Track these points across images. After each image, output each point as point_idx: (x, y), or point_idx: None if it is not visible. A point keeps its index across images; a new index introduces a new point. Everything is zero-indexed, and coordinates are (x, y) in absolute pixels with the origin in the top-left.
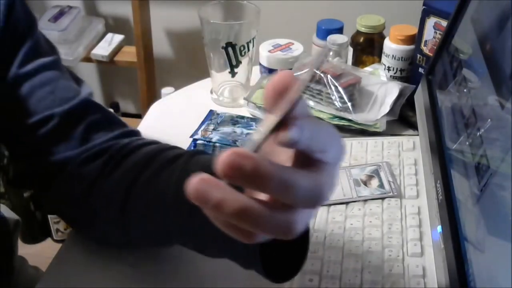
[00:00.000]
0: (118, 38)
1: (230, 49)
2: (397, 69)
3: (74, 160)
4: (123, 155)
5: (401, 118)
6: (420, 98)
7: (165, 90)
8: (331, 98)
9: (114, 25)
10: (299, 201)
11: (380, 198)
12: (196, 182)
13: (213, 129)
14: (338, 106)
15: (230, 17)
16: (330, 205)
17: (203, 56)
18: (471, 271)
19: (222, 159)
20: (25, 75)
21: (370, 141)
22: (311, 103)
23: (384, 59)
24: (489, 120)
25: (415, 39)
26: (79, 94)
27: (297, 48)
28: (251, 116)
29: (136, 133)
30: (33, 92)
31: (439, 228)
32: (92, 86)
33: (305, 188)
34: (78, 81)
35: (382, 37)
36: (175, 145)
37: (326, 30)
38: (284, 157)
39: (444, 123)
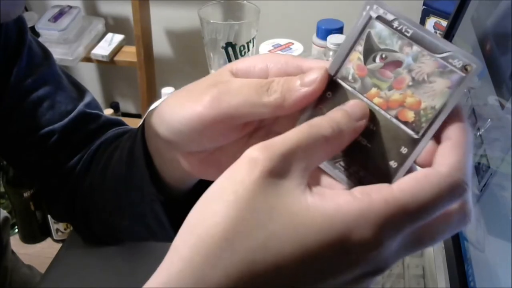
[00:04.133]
0: (118, 38)
1: (230, 49)
2: None
3: (74, 169)
4: (91, 157)
5: None
6: None
7: (165, 90)
8: None
9: (114, 25)
10: None
11: None
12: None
13: None
14: None
15: (230, 17)
16: None
17: (203, 56)
18: (471, 271)
19: None
20: (22, 94)
21: None
22: None
23: None
24: (489, 120)
25: None
26: (77, 106)
27: (297, 48)
28: None
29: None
30: (32, 110)
31: None
32: (92, 86)
33: None
34: (77, 86)
35: None
36: None
37: (326, 30)
38: None
39: None
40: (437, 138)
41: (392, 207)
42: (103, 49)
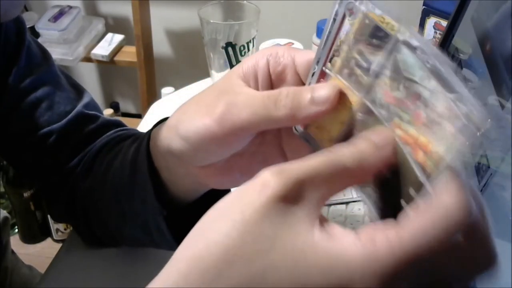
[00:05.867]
0: (118, 38)
1: (230, 49)
2: None
3: (75, 170)
4: (92, 159)
5: None
6: None
7: (165, 90)
8: None
9: (114, 25)
10: None
11: None
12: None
13: None
14: None
15: (230, 17)
16: (330, 205)
17: (203, 56)
18: None
19: None
20: (21, 94)
21: None
22: None
23: None
24: (489, 120)
25: None
26: (75, 106)
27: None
28: None
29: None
30: (30, 111)
31: None
32: (92, 86)
33: None
34: (76, 87)
35: None
36: None
37: None
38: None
39: None
40: None
41: (398, 255)
42: (103, 49)
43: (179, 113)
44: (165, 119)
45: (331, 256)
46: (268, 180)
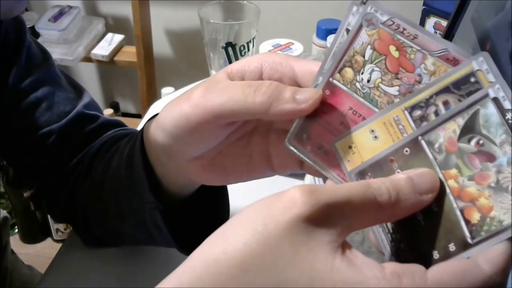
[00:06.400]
0: (118, 38)
1: (230, 49)
2: None
3: (74, 170)
4: (92, 157)
5: None
6: None
7: (165, 90)
8: None
9: (114, 25)
10: None
11: None
12: None
13: None
14: None
15: (230, 17)
16: None
17: (203, 56)
18: None
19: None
20: (21, 94)
21: None
22: None
23: None
24: None
25: None
26: (75, 106)
27: (297, 48)
28: None
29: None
30: (30, 111)
31: None
32: (92, 86)
33: None
34: (76, 87)
35: None
36: None
37: (326, 30)
38: None
39: None
40: None
41: None
42: (103, 49)
43: (164, 107)
44: (156, 115)
45: (351, 284)
46: (296, 198)
